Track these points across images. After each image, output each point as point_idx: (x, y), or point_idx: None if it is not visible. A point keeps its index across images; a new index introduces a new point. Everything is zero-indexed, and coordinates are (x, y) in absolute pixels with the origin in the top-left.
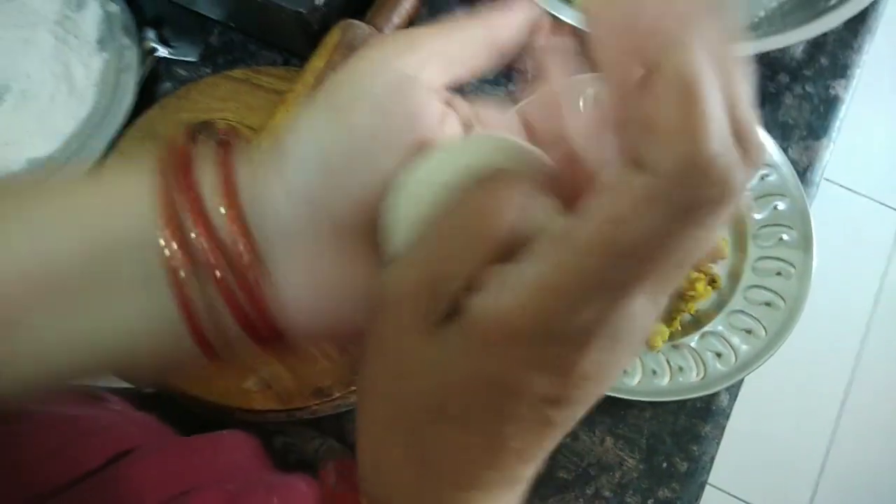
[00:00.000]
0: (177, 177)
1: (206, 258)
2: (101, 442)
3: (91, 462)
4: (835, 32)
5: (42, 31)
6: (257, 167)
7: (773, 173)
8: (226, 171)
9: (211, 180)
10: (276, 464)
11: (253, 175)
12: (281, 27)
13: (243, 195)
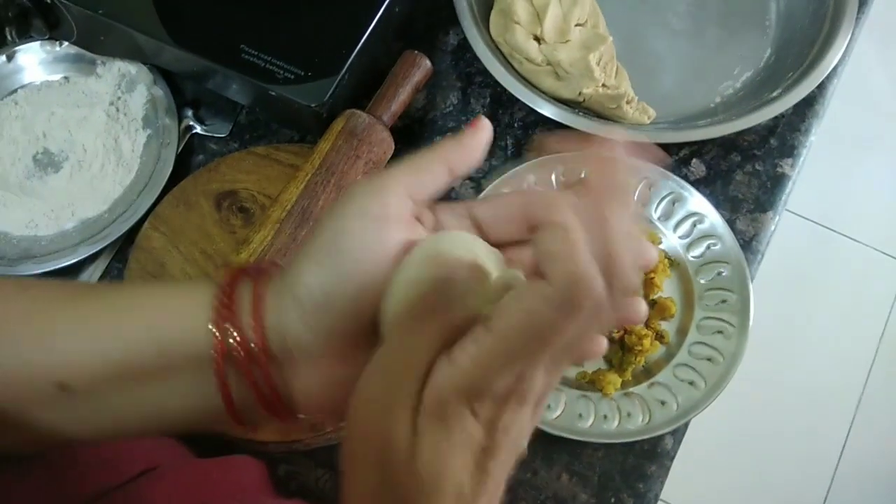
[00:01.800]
0: (223, 302)
1: (238, 357)
2: (131, 460)
3: (121, 477)
4: (785, 117)
5: (98, 110)
6: (279, 301)
7: (718, 243)
8: (256, 299)
9: (247, 305)
10: (278, 489)
11: (277, 307)
12: (296, 115)
13: (269, 319)
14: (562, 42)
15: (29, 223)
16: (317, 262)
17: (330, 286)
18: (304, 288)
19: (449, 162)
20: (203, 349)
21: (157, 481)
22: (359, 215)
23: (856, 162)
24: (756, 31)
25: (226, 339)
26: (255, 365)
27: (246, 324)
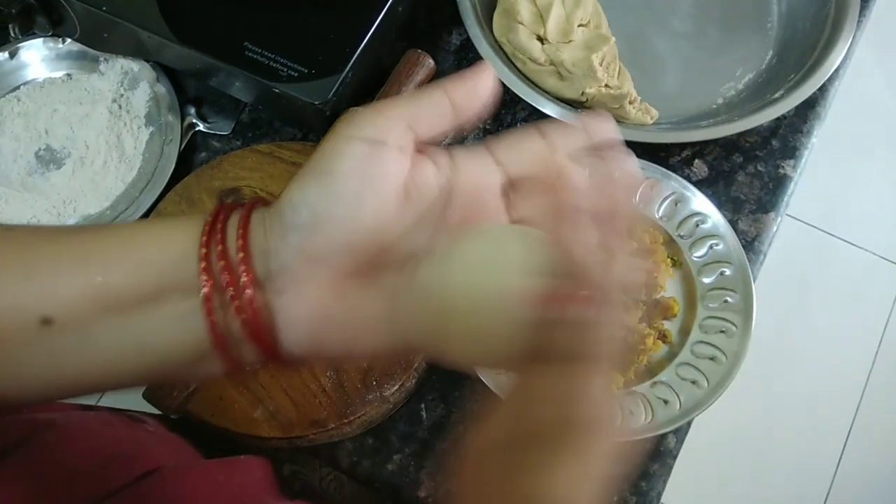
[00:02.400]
0: (212, 235)
1: (225, 286)
2: (136, 460)
3: (127, 476)
4: (787, 118)
5: (101, 107)
6: (268, 227)
7: (720, 243)
8: (243, 229)
9: (234, 231)
10: (282, 489)
11: (265, 233)
12: (299, 113)
13: (254, 244)
14: (565, 42)
15: (31, 219)
16: (305, 182)
17: (317, 206)
18: (290, 207)
19: (450, 94)
20: (190, 277)
21: (160, 483)
22: (351, 137)
23: (855, 166)
24: (758, 33)
25: (212, 264)
26: (238, 287)
27: (232, 248)
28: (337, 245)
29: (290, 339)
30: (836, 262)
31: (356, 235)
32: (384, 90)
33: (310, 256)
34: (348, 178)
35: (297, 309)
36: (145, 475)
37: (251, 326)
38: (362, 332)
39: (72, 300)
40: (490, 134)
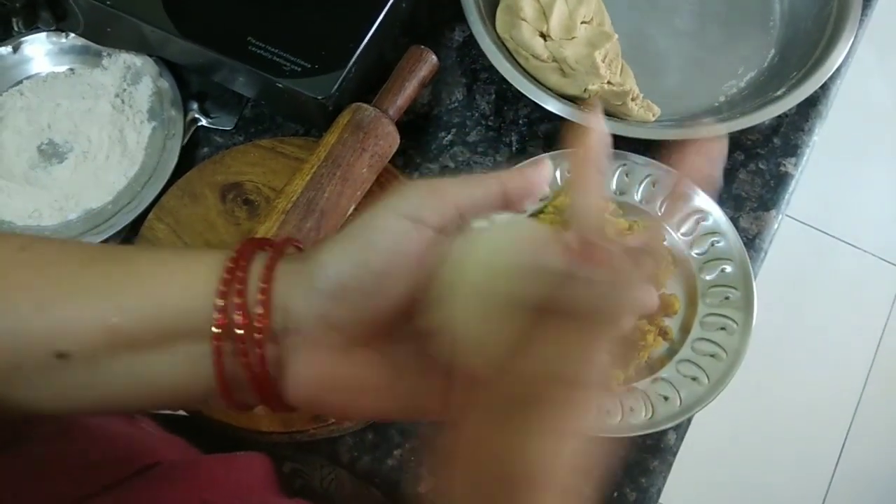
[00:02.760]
0: (233, 278)
1: (237, 331)
2: (132, 456)
3: (126, 470)
4: (788, 116)
5: (103, 101)
6: (292, 283)
7: (722, 240)
8: (267, 273)
9: (256, 279)
10: (282, 488)
11: (288, 289)
12: (302, 108)
13: (276, 297)
14: (568, 39)
15: (33, 213)
16: (341, 248)
17: (348, 274)
18: (321, 270)
19: (503, 182)
20: (204, 322)
21: (158, 478)
22: (400, 214)
23: (855, 168)
24: (760, 32)
25: (229, 312)
26: (252, 341)
27: (252, 298)
28: (358, 316)
29: (292, 394)
30: (835, 263)
31: (379, 309)
32: (387, 86)
33: (329, 324)
34: (385, 254)
35: (305, 368)
36: (144, 469)
37: (257, 381)
38: (363, 397)
39: (87, 336)
40: (492, 130)
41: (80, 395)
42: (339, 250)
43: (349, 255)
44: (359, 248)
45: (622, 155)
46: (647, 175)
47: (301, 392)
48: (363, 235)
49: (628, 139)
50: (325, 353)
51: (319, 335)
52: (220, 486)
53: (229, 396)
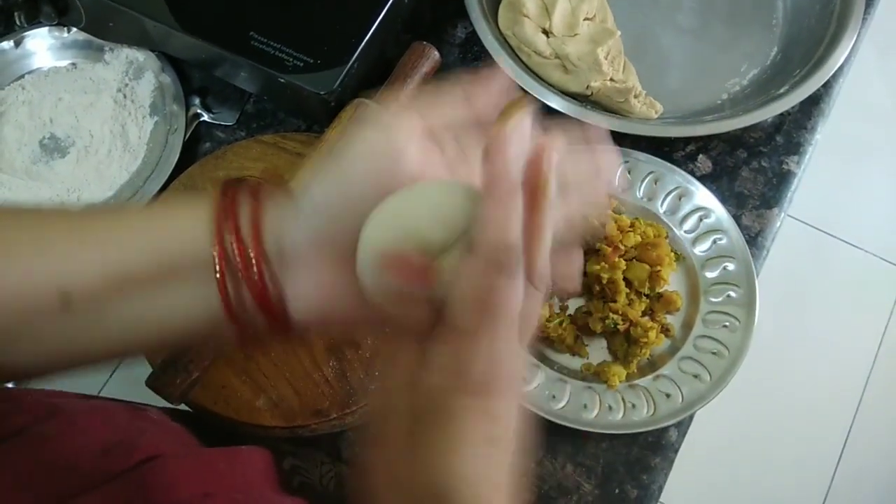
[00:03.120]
0: (226, 213)
1: (237, 264)
2: (136, 447)
3: (126, 463)
4: (791, 114)
5: (105, 96)
6: (280, 209)
7: (724, 238)
8: (256, 211)
9: (246, 215)
10: (281, 484)
11: (276, 215)
12: (304, 103)
13: (267, 227)
14: (570, 36)
15: None
16: (322, 167)
17: (331, 190)
18: (305, 191)
19: (465, 88)
20: (203, 254)
21: (160, 470)
22: (367, 124)
23: (856, 168)
24: (763, 30)
25: (224, 241)
26: (251, 265)
27: (244, 226)
28: (347, 227)
29: (299, 311)
30: (836, 263)
31: (363, 212)
32: (389, 81)
33: (320, 239)
34: (360, 160)
35: (306, 283)
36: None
37: (261, 299)
38: (366, 304)
39: (88, 276)
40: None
41: (86, 340)
42: (319, 169)
43: (328, 171)
44: (336, 163)
45: (625, 152)
46: (650, 172)
47: (306, 307)
48: (339, 151)
49: (630, 136)
50: (322, 266)
51: (314, 251)
52: (221, 480)
53: (238, 323)
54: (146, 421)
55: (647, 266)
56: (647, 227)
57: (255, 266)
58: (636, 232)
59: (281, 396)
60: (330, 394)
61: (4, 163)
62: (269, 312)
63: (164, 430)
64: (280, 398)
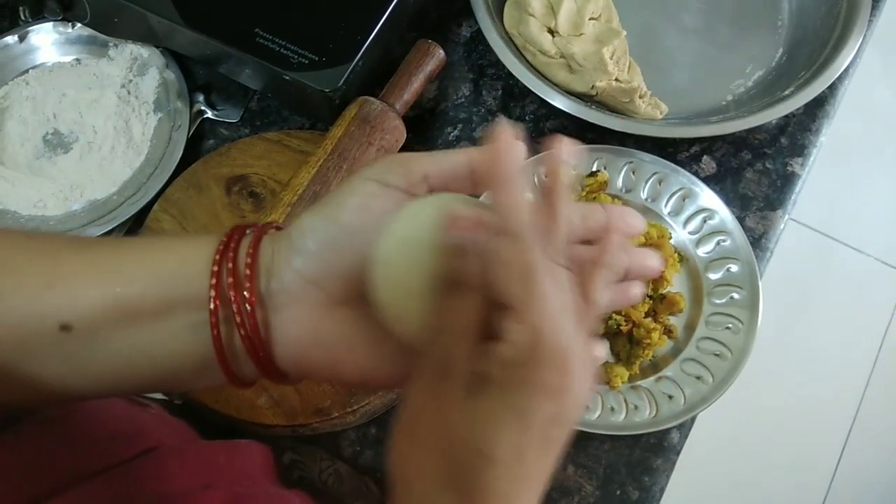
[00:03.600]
0: (225, 254)
1: (231, 301)
2: (137, 438)
3: (127, 453)
4: (795, 116)
5: (109, 92)
6: (276, 248)
7: (728, 239)
8: (253, 252)
9: (245, 250)
10: (280, 477)
11: (272, 254)
12: (309, 100)
13: (262, 266)
14: (576, 35)
15: (37, 203)
16: (316, 211)
17: (322, 232)
18: (298, 232)
19: (471, 158)
20: (201, 292)
21: (159, 461)
22: (368, 178)
23: (858, 172)
24: (768, 31)
25: (222, 280)
26: (242, 300)
27: (241, 266)
28: (334, 271)
29: (282, 355)
30: (838, 267)
31: (353, 266)
32: (394, 80)
33: (308, 279)
34: (354, 211)
35: (290, 326)
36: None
37: (249, 340)
38: (348, 356)
39: (90, 309)
40: None
41: (81, 372)
42: (314, 213)
43: (323, 216)
44: (332, 209)
45: (629, 152)
46: (654, 173)
47: (289, 352)
48: (335, 198)
49: (635, 136)
50: (308, 309)
51: (301, 293)
52: (221, 472)
53: (225, 363)
54: (146, 414)
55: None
56: (650, 228)
57: (247, 305)
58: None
59: (282, 395)
60: (331, 393)
61: (7, 158)
62: (255, 353)
63: (165, 423)
64: (281, 397)
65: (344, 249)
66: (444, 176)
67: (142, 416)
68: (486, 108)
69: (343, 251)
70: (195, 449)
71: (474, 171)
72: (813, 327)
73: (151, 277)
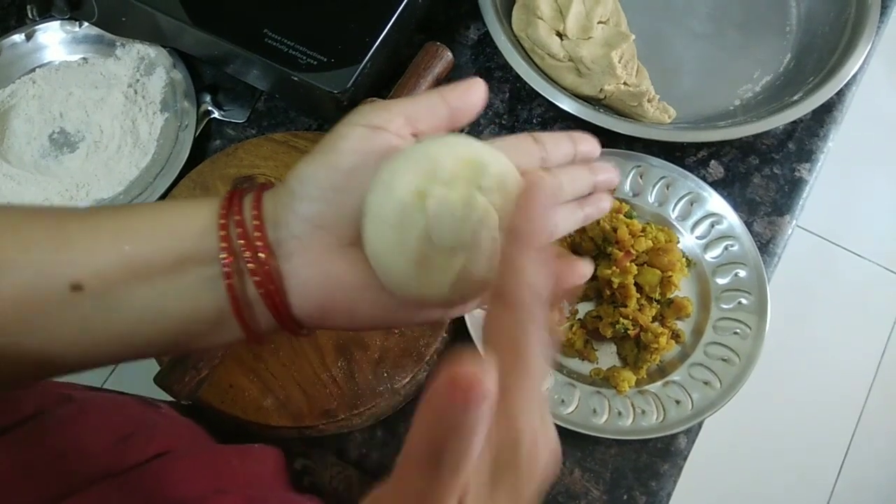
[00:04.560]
0: (230, 209)
1: (242, 252)
2: (149, 440)
3: (140, 455)
4: (803, 121)
5: (116, 92)
6: (277, 200)
7: (736, 244)
8: (257, 204)
9: (249, 208)
10: (292, 482)
11: (274, 206)
12: (316, 101)
13: (267, 218)
14: (584, 39)
15: (43, 202)
16: (312, 159)
17: (322, 179)
18: (298, 181)
19: (445, 96)
20: (210, 247)
21: (173, 464)
22: (355, 123)
23: (862, 178)
24: (776, 36)
25: (230, 233)
26: (255, 252)
27: (248, 219)
28: (339, 213)
29: (299, 303)
30: (842, 273)
31: (356, 207)
32: (402, 81)
33: (315, 224)
34: (349, 154)
35: (304, 272)
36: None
37: (265, 287)
38: (362, 298)
39: (101, 267)
40: (505, 129)
41: (95, 332)
42: (310, 162)
43: (320, 163)
44: (327, 156)
45: (637, 156)
46: (662, 177)
47: (305, 298)
48: (328, 145)
49: (643, 140)
50: (318, 253)
51: (310, 238)
52: (234, 477)
53: (241, 314)
54: (157, 414)
55: (659, 271)
56: (658, 232)
57: (259, 253)
58: (647, 237)
59: (289, 397)
60: (338, 394)
61: (13, 156)
62: (272, 301)
63: (176, 424)
64: (288, 398)
65: (345, 192)
66: (422, 116)
67: (154, 416)
68: (494, 111)
69: (344, 193)
70: (208, 453)
71: (450, 107)
72: (816, 333)
73: (158, 235)
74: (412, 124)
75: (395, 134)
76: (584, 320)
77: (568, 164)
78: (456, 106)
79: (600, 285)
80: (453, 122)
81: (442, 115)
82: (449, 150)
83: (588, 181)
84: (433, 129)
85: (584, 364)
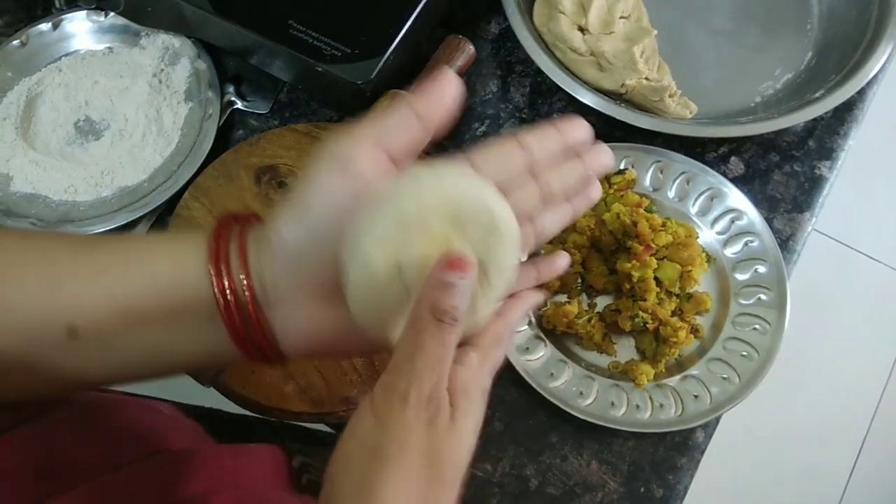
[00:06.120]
0: (218, 257)
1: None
2: (148, 440)
3: (137, 455)
4: (824, 119)
5: (141, 81)
6: (260, 253)
7: (756, 240)
8: (241, 246)
9: (235, 251)
10: (290, 481)
11: (258, 258)
12: (340, 93)
13: (252, 268)
14: (606, 33)
15: (68, 188)
16: (287, 216)
17: (298, 230)
18: (277, 237)
19: (414, 107)
20: (202, 293)
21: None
22: (323, 157)
23: (877, 181)
24: (797, 33)
25: (220, 280)
26: (243, 307)
27: (235, 268)
28: (320, 263)
29: (286, 344)
30: (856, 276)
31: (334, 253)
32: (424, 73)
33: (296, 278)
34: (320, 201)
35: (289, 323)
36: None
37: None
38: (348, 339)
39: (95, 311)
40: (526, 123)
41: (93, 371)
42: (286, 218)
43: (293, 221)
44: (299, 212)
45: (657, 151)
46: (682, 172)
47: (292, 343)
48: (301, 190)
49: (664, 135)
50: (303, 302)
51: (294, 292)
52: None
53: (248, 351)
54: (158, 415)
55: (679, 266)
56: (678, 227)
57: (249, 306)
58: (668, 231)
59: (310, 383)
60: (358, 381)
61: (39, 143)
62: (260, 350)
63: (177, 426)
64: (309, 385)
65: (322, 241)
66: (393, 134)
67: (154, 418)
68: (514, 105)
69: (321, 243)
70: (203, 453)
71: (421, 116)
72: (830, 335)
73: (150, 279)
74: (384, 147)
75: (367, 167)
76: (603, 313)
77: (557, 160)
78: (426, 112)
79: (620, 279)
80: (430, 130)
81: (414, 127)
82: (422, 197)
83: (578, 173)
84: (409, 144)
85: (603, 357)
